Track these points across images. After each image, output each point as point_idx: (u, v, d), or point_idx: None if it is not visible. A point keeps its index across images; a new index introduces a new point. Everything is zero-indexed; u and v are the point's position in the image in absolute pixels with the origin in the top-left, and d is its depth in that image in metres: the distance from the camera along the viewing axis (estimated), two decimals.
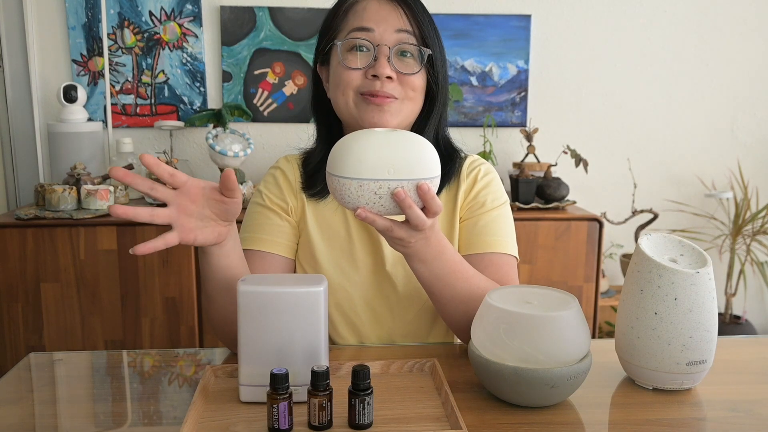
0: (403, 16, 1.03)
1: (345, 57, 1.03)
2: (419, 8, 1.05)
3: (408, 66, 1.03)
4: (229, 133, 2.28)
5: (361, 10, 1.03)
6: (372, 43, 1.01)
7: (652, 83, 2.52)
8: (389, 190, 0.78)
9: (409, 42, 1.02)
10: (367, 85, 1.02)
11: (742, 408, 0.84)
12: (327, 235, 1.11)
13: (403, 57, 1.03)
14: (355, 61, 1.02)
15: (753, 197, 2.60)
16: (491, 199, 1.11)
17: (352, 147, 0.79)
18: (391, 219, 0.83)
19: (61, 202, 1.97)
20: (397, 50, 1.02)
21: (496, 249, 1.07)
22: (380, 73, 1.00)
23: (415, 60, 1.04)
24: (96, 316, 1.95)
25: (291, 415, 0.75)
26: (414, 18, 1.03)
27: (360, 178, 0.77)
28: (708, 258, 0.88)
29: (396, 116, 1.03)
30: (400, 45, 1.02)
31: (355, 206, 0.80)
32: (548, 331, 0.79)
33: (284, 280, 0.84)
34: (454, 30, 2.39)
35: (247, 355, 0.81)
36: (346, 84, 1.03)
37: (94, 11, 2.27)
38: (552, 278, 2.10)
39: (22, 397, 0.89)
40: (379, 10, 1.03)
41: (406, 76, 1.02)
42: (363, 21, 1.02)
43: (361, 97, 1.02)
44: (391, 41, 1.01)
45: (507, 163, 2.48)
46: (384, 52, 1.01)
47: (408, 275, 1.10)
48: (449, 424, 0.77)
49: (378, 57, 1.01)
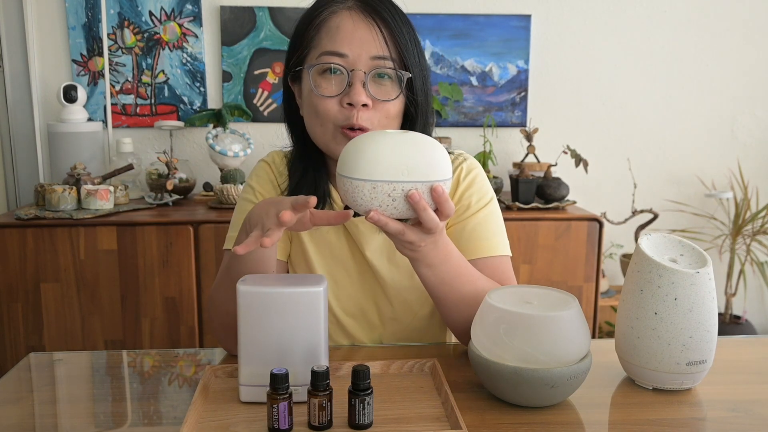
0: (381, 38, 0.95)
1: (317, 83, 0.97)
2: (398, 24, 0.97)
3: (384, 91, 0.97)
4: (229, 133, 2.28)
5: (334, 29, 0.96)
6: (346, 68, 0.95)
7: (652, 83, 2.52)
8: (403, 192, 0.77)
9: (386, 66, 0.96)
10: (344, 117, 0.96)
11: (742, 408, 0.84)
12: (317, 241, 1.09)
13: (379, 80, 0.97)
14: (327, 87, 0.96)
15: (753, 197, 2.60)
16: (476, 200, 1.07)
17: (365, 149, 0.77)
18: (402, 222, 0.81)
19: (61, 202, 1.97)
20: (373, 74, 0.96)
21: (488, 253, 1.04)
22: (355, 101, 0.94)
23: (393, 83, 0.97)
24: (96, 316, 1.95)
25: (291, 415, 0.75)
26: (392, 39, 0.96)
27: (374, 180, 0.76)
28: (708, 258, 0.88)
29: None
30: (377, 70, 0.96)
31: (367, 209, 0.78)
32: (548, 331, 0.79)
33: (284, 280, 0.84)
34: (454, 30, 2.39)
35: (247, 355, 0.81)
36: (324, 115, 0.97)
37: (94, 11, 2.27)
38: (552, 278, 2.09)
39: (22, 397, 0.89)
40: (354, 31, 0.95)
41: (382, 102, 0.97)
42: (335, 44, 0.95)
43: (339, 129, 0.97)
44: (366, 67, 0.95)
45: (507, 163, 2.48)
46: (359, 78, 0.95)
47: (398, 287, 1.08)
48: (449, 424, 0.77)
49: (353, 82, 0.95)
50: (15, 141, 2.29)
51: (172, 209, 2.09)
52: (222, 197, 2.08)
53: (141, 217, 1.97)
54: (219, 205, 2.09)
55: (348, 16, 0.96)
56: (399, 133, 0.80)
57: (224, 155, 2.20)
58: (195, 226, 1.95)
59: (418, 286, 1.05)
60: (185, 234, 1.93)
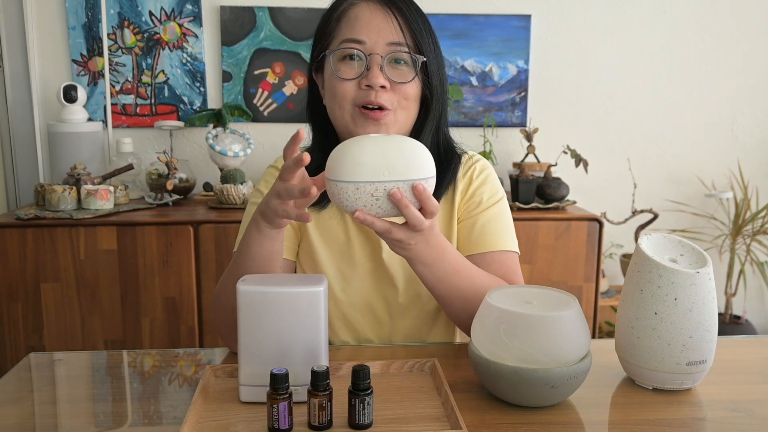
0: (396, 25, 1.01)
1: (337, 67, 1.02)
2: (413, 14, 1.02)
3: (401, 74, 1.02)
4: (229, 133, 2.28)
5: (353, 19, 1.02)
6: (364, 52, 1.00)
7: (652, 83, 2.52)
8: (385, 191, 0.79)
9: (402, 51, 1.01)
10: (362, 96, 1.01)
11: (742, 408, 0.84)
12: (326, 238, 1.11)
13: (396, 65, 1.02)
14: (347, 71, 1.01)
15: (753, 197, 2.60)
16: (487, 197, 1.11)
17: (348, 152, 0.80)
18: (390, 221, 0.83)
19: (61, 202, 1.97)
20: (389, 58, 1.01)
21: (497, 247, 1.07)
22: (373, 83, 0.99)
23: (409, 67, 1.02)
24: (96, 316, 1.95)
25: (291, 415, 0.75)
26: (407, 26, 1.01)
27: (356, 180, 0.79)
28: (708, 258, 0.88)
29: (391, 127, 1.03)
30: (393, 54, 1.01)
31: (353, 209, 0.81)
32: (548, 331, 0.79)
33: (284, 280, 0.84)
34: (454, 30, 2.39)
35: (247, 355, 0.81)
36: (342, 96, 1.02)
37: (94, 11, 2.27)
38: (552, 278, 2.09)
39: (22, 397, 0.89)
40: (371, 19, 1.01)
41: (399, 84, 1.01)
42: (354, 32, 1.01)
43: (357, 110, 1.02)
44: (383, 52, 1.00)
45: (507, 163, 2.48)
46: (376, 61, 1.00)
47: (408, 278, 1.10)
48: (449, 424, 0.77)
49: (371, 66, 1.00)
50: (15, 141, 2.30)
51: (172, 209, 2.09)
52: (222, 197, 2.08)
53: (141, 217, 1.97)
54: (219, 205, 2.09)
55: (366, 7, 1.02)
56: (382, 136, 0.83)
57: (224, 155, 2.20)
58: (195, 226, 1.95)
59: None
60: (185, 234, 1.93)
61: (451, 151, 1.12)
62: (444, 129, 1.11)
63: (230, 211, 2.05)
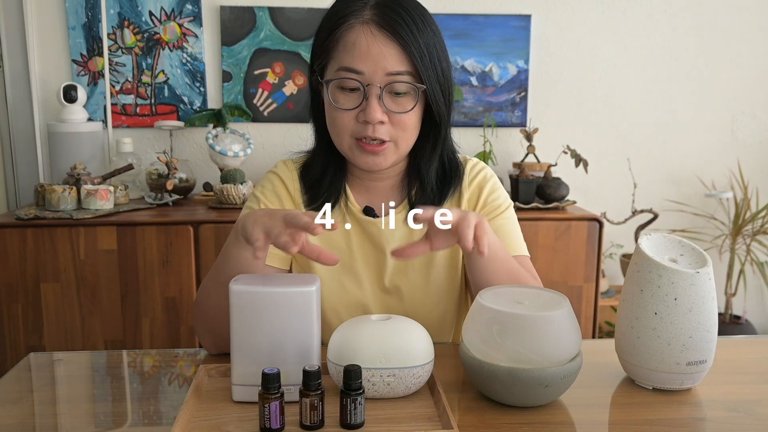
0: (395, 53, 0.96)
1: (335, 98, 0.99)
2: (415, 40, 0.96)
3: (400, 105, 0.98)
4: (229, 133, 2.28)
5: (350, 45, 0.96)
6: (362, 83, 0.97)
7: (652, 83, 2.52)
8: (382, 378, 0.82)
9: (402, 81, 0.97)
10: (360, 130, 0.99)
11: (742, 408, 0.84)
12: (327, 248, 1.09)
13: (395, 96, 0.98)
14: (345, 102, 0.99)
15: (753, 197, 2.59)
16: (498, 205, 1.12)
17: (346, 338, 0.83)
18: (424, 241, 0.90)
19: (61, 202, 1.97)
20: (388, 89, 0.97)
21: (514, 252, 1.09)
22: (370, 118, 0.97)
23: (410, 97, 0.99)
24: (96, 316, 1.95)
25: (283, 414, 0.75)
26: (407, 53, 0.96)
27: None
28: (708, 258, 0.88)
29: (390, 157, 1.02)
30: (391, 86, 0.97)
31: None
32: (541, 330, 0.79)
33: (277, 279, 0.84)
34: (454, 30, 2.39)
35: (240, 355, 0.81)
36: (341, 128, 1.00)
37: (94, 11, 2.27)
38: (552, 278, 2.09)
39: (22, 397, 0.89)
40: (369, 46, 0.95)
41: (398, 115, 0.98)
42: (352, 61, 0.96)
43: (355, 142, 1.00)
44: (381, 82, 0.96)
45: (507, 163, 2.48)
46: (375, 93, 0.96)
47: (411, 288, 1.09)
48: (441, 424, 0.77)
49: (369, 97, 0.96)
50: (15, 141, 2.29)
51: (172, 209, 2.09)
52: (222, 197, 2.08)
53: (141, 217, 1.97)
54: (219, 205, 2.09)
55: (363, 31, 0.96)
56: (381, 319, 0.85)
57: (224, 155, 2.20)
58: (195, 226, 1.95)
59: (435, 289, 1.09)
60: (185, 234, 1.93)
61: (455, 162, 1.12)
62: (449, 143, 1.10)
63: (230, 211, 2.05)
